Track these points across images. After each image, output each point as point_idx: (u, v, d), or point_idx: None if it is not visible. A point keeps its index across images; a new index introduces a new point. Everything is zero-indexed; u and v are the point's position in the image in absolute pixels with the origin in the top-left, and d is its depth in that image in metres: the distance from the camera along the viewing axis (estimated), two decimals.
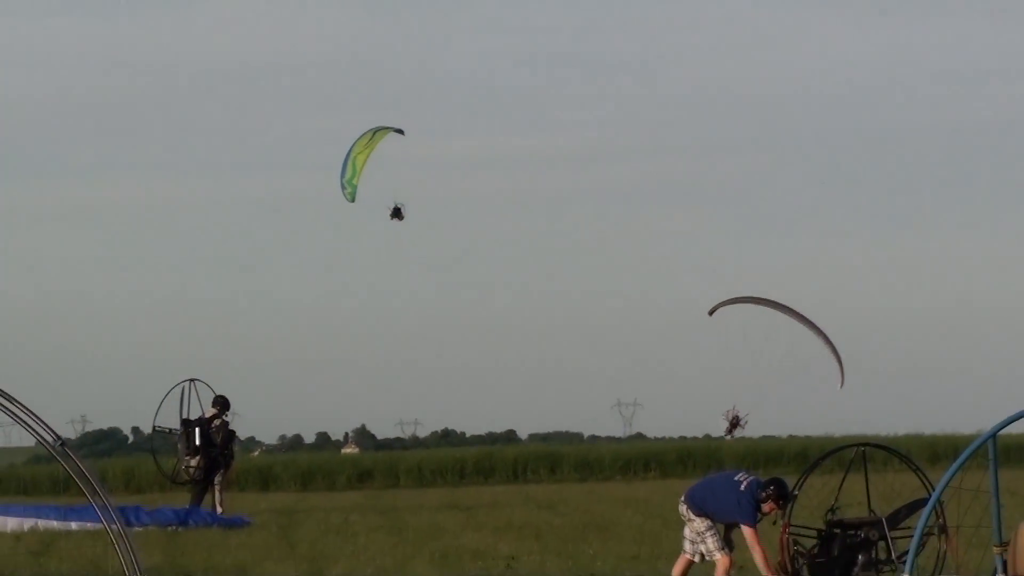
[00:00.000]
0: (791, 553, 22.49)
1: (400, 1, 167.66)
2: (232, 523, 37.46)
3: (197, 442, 38.70)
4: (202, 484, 39.20)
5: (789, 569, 22.49)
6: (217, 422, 39.08)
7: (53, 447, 9.81)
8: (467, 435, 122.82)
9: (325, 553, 31.10)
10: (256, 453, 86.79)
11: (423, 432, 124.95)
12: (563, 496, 52.92)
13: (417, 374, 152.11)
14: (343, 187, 37.34)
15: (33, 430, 9.73)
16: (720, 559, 21.78)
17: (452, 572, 27.22)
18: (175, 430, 39.78)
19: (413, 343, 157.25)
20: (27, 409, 9.64)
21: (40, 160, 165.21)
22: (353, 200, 37.52)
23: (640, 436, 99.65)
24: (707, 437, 76.95)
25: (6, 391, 9.72)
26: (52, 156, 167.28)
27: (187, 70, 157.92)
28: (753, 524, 21.66)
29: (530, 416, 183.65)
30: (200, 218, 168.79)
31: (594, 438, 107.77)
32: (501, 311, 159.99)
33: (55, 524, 37.05)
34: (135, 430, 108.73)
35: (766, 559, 21.62)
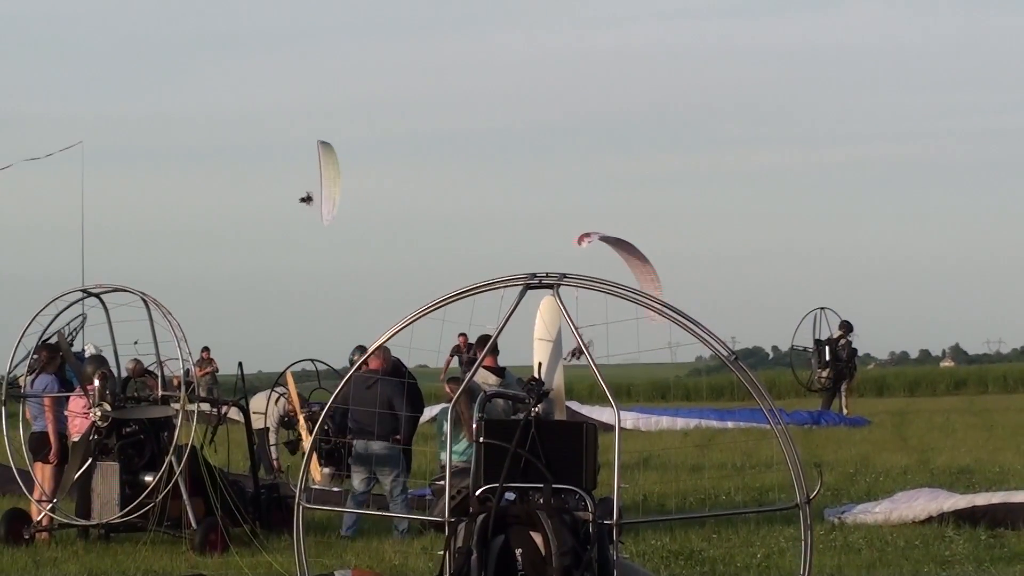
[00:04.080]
0: None
1: None
2: (855, 422, 37.30)
3: (827, 357, 38.85)
4: (831, 391, 39.25)
5: None
6: (842, 342, 39.06)
7: (728, 360, 9.90)
8: None
9: (931, 446, 30.61)
10: (871, 366, 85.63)
11: (1006, 349, 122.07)
12: None
13: (1003, 300, 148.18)
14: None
15: (713, 347, 9.84)
16: None
17: None
18: (809, 348, 39.99)
19: (996, 275, 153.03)
20: (708, 330, 9.77)
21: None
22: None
23: None
24: None
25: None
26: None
27: None
28: None
29: None
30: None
31: None
32: None
33: (715, 423, 37.55)
34: (775, 348, 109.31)
35: None
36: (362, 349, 22.40)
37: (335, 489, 20.39)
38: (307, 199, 36.56)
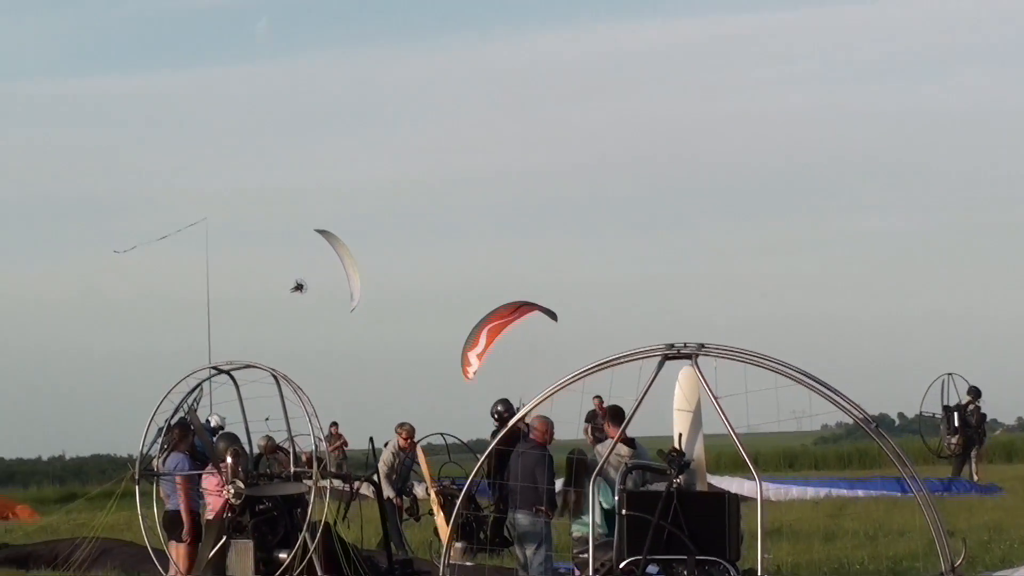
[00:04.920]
0: None
1: None
2: (987, 490, 36.77)
3: (956, 424, 38.44)
4: (961, 458, 38.80)
5: None
6: (971, 407, 38.64)
7: (868, 426, 9.85)
8: None
9: None
10: (998, 432, 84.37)
11: None
12: None
13: None
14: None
15: (852, 414, 9.79)
16: None
17: None
18: (937, 415, 39.64)
19: None
20: (846, 397, 9.73)
21: None
22: None
23: None
24: None
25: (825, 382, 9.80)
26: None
27: None
28: None
29: None
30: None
31: None
32: None
33: (844, 492, 37.21)
34: (900, 415, 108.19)
35: None
36: (505, 402, 22.51)
37: (468, 564, 20.41)
38: (299, 288, 36.31)
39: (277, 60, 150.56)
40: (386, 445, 24.30)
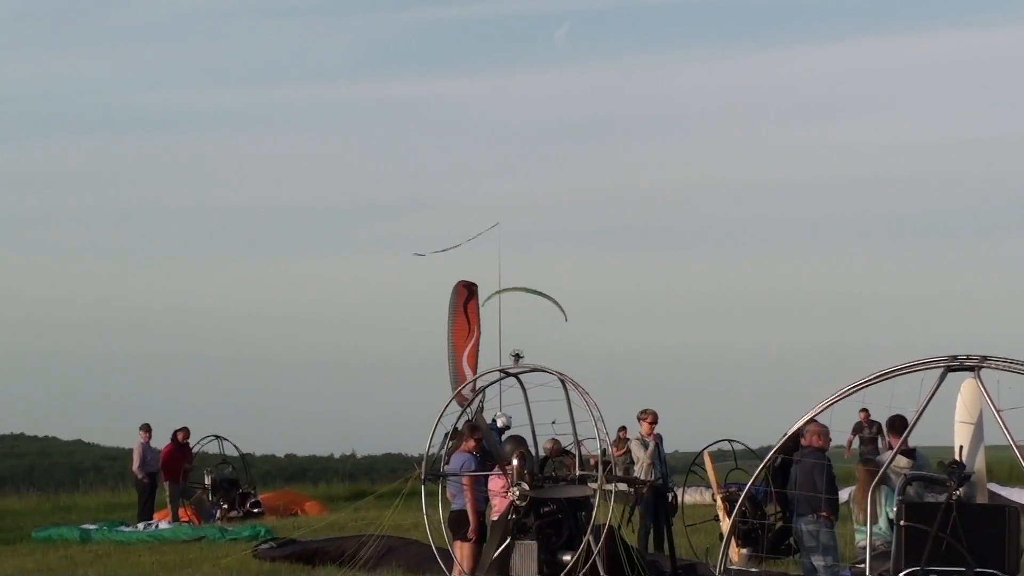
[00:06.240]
0: None
1: None
2: None
3: None
4: None
5: None
6: None
7: None
8: None
9: None
10: None
11: None
12: None
13: None
14: None
15: None
16: None
17: None
18: None
19: None
20: None
21: None
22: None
23: None
24: None
25: None
26: None
27: None
28: None
29: None
30: None
31: None
32: None
33: None
34: None
35: None
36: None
37: (753, 570, 20.41)
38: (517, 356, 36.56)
39: (575, 66, 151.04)
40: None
